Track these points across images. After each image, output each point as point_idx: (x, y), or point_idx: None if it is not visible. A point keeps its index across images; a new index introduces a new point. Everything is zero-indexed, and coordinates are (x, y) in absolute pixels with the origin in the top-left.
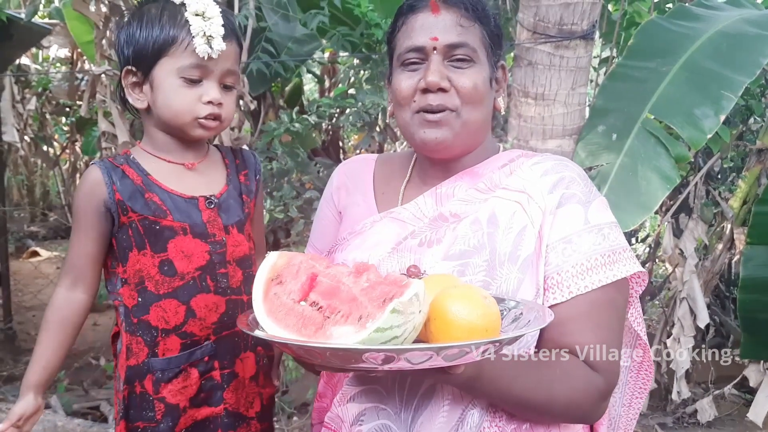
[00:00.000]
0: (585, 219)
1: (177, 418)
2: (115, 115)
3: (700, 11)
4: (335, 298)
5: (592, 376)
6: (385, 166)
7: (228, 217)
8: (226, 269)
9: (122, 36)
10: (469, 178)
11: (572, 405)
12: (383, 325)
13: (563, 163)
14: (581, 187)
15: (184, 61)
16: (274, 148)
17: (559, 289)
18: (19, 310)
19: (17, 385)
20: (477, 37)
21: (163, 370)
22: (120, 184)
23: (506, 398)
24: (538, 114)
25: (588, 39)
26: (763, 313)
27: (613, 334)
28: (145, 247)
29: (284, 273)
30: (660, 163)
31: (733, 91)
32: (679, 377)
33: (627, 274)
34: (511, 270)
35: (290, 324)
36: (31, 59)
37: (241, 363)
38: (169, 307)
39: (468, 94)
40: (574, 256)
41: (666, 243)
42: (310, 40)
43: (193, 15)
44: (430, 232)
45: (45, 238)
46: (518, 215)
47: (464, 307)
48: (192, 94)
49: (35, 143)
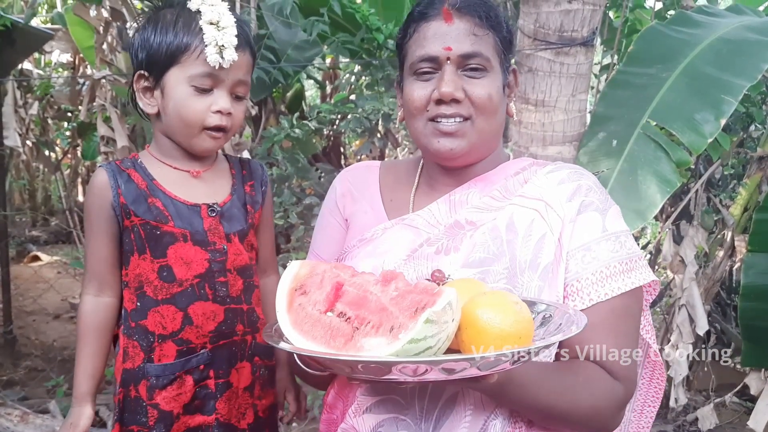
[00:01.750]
0: (603, 227)
1: (170, 425)
2: (114, 119)
3: (700, 18)
4: (363, 308)
5: (613, 384)
6: (390, 173)
7: (230, 225)
8: (225, 278)
9: (137, 40)
10: (482, 185)
11: (594, 413)
12: (417, 336)
13: (578, 171)
14: (598, 195)
15: (195, 69)
16: (274, 154)
17: (579, 296)
18: (20, 315)
19: (17, 389)
20: (490, 46)
21: (158, 377)
22: (125, 188)
23: (531, 404)
24: (539, 120)
25: (588, 46)
26: (764, 320)
27: (631, 341)
28: (146, 252)
29: (308, 283)
30: (660, 167)
31: (734, 95)
32: (676, 384)
33: (644, 282)
34: (532, 278)
35: (318, 336)
36: (34, 64)
37: (237, 373)
38: (166, 313)
39: (483, 104)
40: (594, 263)
41: (666, 250)
42: (310, 46)
43: (207, 24)
44: (447, 239)
45: (46, 243)
46: (537, 223)
47: (496, 315)
48: (202, 103)
49: (37, 148)
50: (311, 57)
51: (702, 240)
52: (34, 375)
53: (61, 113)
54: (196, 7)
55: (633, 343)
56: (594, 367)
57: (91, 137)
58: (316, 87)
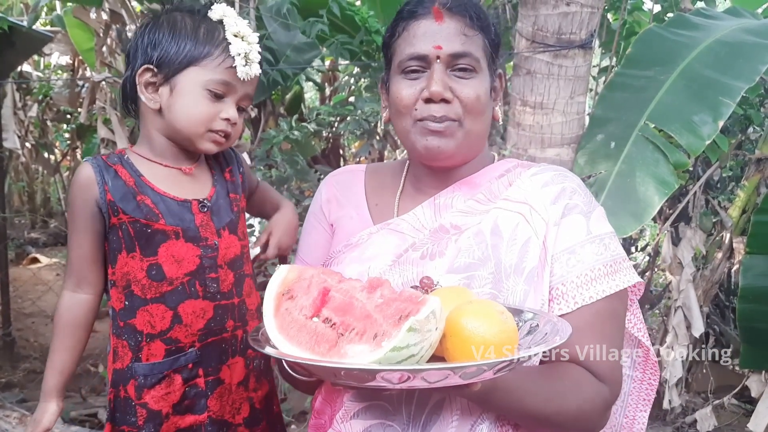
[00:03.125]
0: (587, 229)
1: (159, 425)
2: (114, 122)
3: (698, 20)
4: (349, 314)
5: (599, 387)
6: (376, 177)
7: (219, 219)
8: (216, 273)
9: (146, 37)
10: (467, 188)
11: (581, 416)
12: (400, 344)
13: (563, 173)
14: (582, 198)
15: (214, 75)
16: (273, 156)
17: (565, 299)
18: (19, 317)
19: (16, 391)
20: (479, 47)
21: (146, 376)
22: (112, 185)
23: (518, 409)
24: (537, 123)
25: (586, 48)
26: (763, 322)
27: (616, 343)
28: (135, 250)
29: (295, 287)
30: (658, 169)
31: (732, 97)
32: (671, 385)
33: (628, 284)
34: (517, 282)
35: (303, 341)
36: (33, 66)
37: (228, 369)
38: (156, 312)
39: (471, 104)
40: (578, 266)
41: (665, 252)
42: (309, 48)
43: (232, 35)
44: (432, 244)
45: (45, 245)
46: (521, 227)
47: (481, 324)
48: (212, 108)
49: (36, 150)
50: (310, 59)
51: (700, 242)
52: (33, 377)
53: (60, 115)
54: (218, 17)
55: (618, 344)
56: (579, 370)
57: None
58: (315, 89)
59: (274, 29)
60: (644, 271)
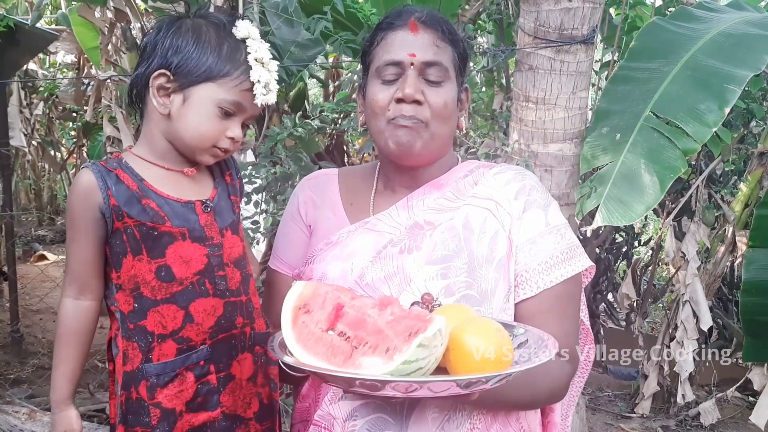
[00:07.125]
0: (546, 221)
1: (173, 423)
2: (120, 120)
3: (701, 13)
4: (362, 329)
5: (563, 365)
6: (349, 179)
7: (222, 220)
8: (224, 271)
9: (168, 41)
10: (435, 189)
11: (552, 395)
12: (410, 358)
13: (522, 172)
14: (540, 194)
15: (229, 95)
16: (277, 153)
17: (528, 285)
18: (26, 314)
19: (24, 387)
20: (449, 58)
21: (158, 375)
22: (115, 189)
23: (500, 402)
24: (539, 118)
25: (588, 43)
26: (765, 315)
27: (575, 323)
28: (142, 253)
29: (311, 302)
30: (664, 154)
31: (738, 83)
32: (683, 380)
33: (583, 268)
34: (489, 270)
35: (320, 352)
36: (38, 65)
37: (239, 365)
38: (167, 313)
39: (439, 109)
40: (539, 255)
41: (668, 246)
42: (313, 44)
43: (254, 60)
44: (409, 239)
45: (52, 242)
46: (489, 221)
47: (480, 341)
48: (220, 126)
49: (42, 148)
50: (314, 55)
51: (703, 236)
52: (41, 373)
53: (66, 113)
54: (242, 36)
55: (576, 323)
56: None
57: (96, 137)
58: (319, 86)
59: (277, 26)
60: (647, 265)
